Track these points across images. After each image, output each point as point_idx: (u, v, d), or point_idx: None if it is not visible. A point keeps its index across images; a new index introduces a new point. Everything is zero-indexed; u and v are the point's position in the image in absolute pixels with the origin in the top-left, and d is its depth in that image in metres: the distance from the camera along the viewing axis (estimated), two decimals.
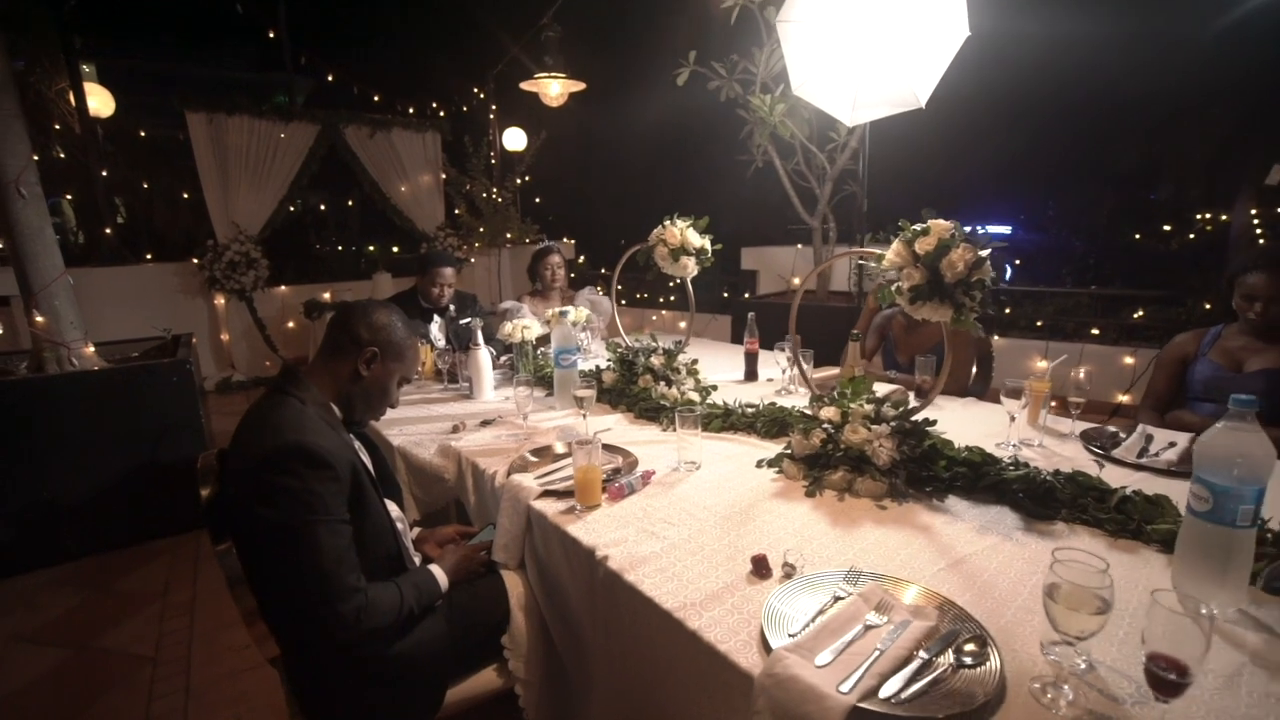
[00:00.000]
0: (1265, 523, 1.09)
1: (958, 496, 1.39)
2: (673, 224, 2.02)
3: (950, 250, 1.29)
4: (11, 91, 2.71)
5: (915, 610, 0.95)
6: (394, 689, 1.20)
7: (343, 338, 1.30)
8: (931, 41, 2.15)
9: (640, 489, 1.45)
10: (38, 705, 1.93)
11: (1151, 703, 0.75)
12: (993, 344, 2.72)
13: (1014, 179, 17.20)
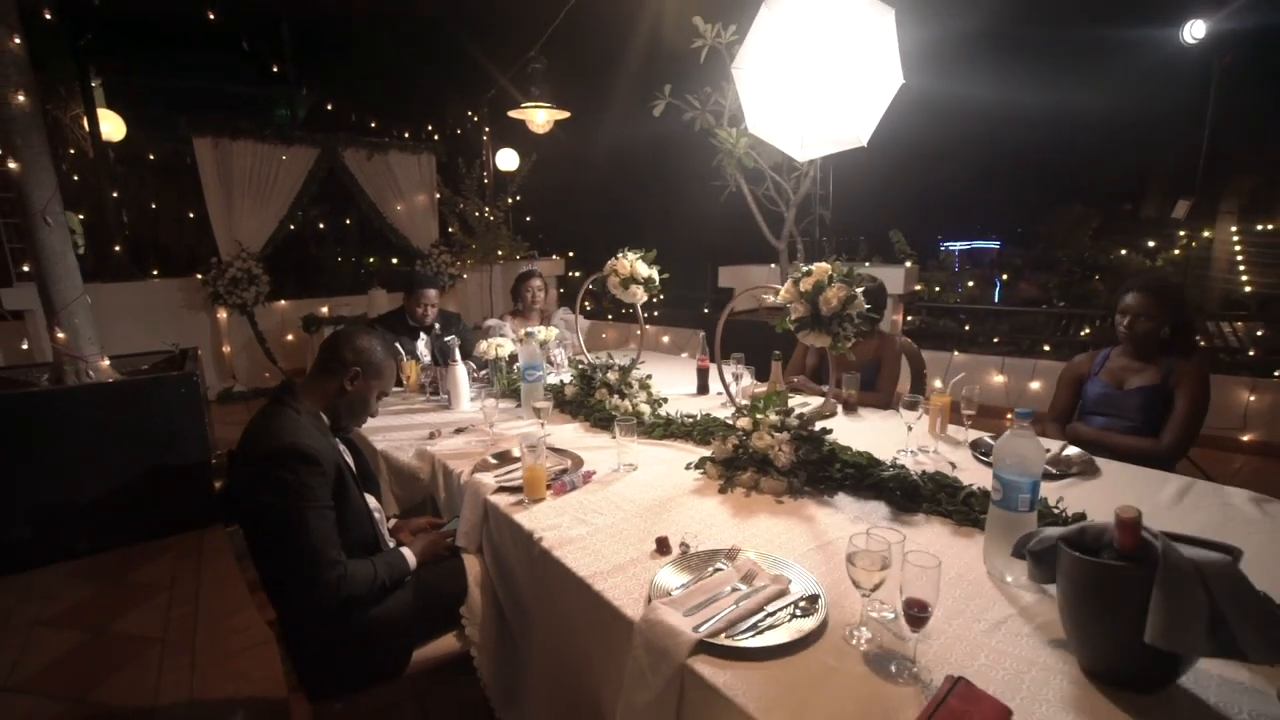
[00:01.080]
0: (1047, 507, 1.37)
1: (846, 494, 1.66)
2: (624, 256, 2.31)
3: (825, 289, 1.57)
4: (40, 130, 3.00)
5: (774, 578, 1.22)
6: (368, 648, 1.46)
7: (332, 359, 1.57)
8: (869, 89, 2.43)
9: (581, 486, 1.72)
10: (59, 680, 2.19)
11: (927, 640, 1.02)
12: (924, 359, 2.99)
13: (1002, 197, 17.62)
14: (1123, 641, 0.88)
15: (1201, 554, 0.85)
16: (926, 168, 8.27)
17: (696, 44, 4.13)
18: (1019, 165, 10.46)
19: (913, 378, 2.96)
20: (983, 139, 8.64)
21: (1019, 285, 11.73)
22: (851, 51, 2.40)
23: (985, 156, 9.19)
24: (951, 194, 13.03)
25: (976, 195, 14.81)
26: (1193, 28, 2.81)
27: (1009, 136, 8.74)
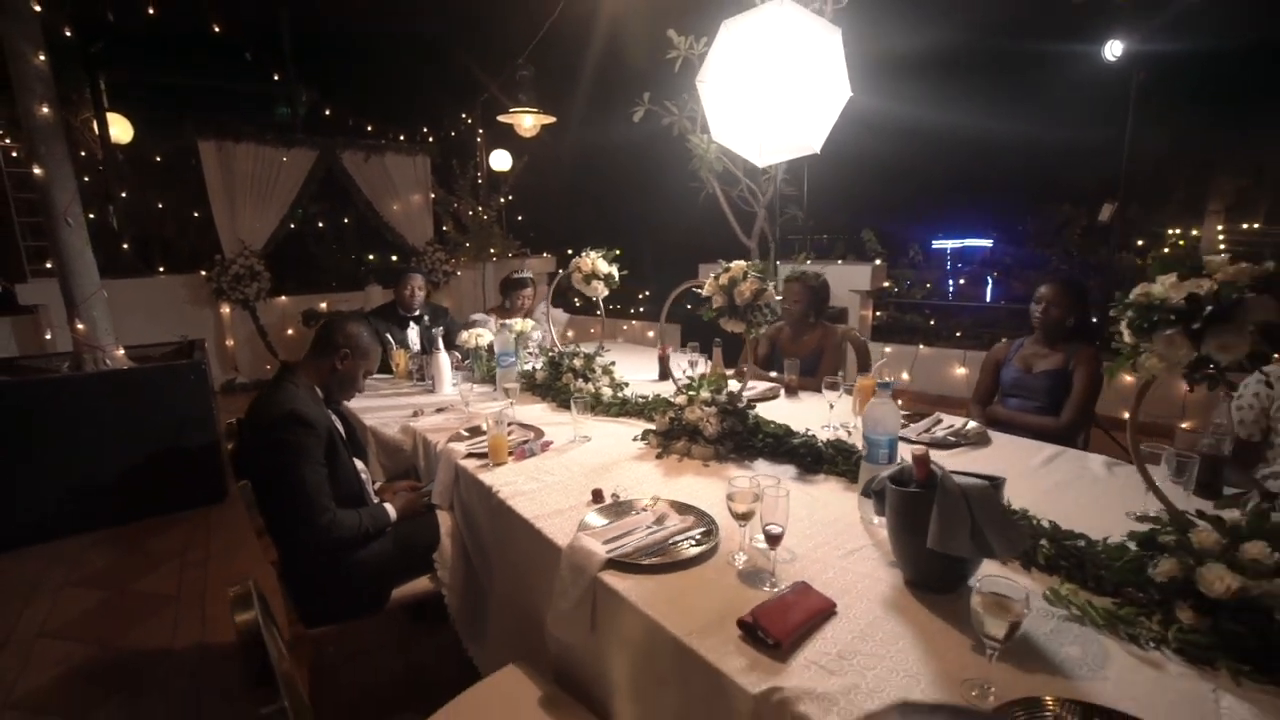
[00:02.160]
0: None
1: (765, 459, 1.94)
2: (586, 255, 2.58)
3: (740, 283, 1.85)
4: (61, 138, 3.28)
5: (682, 519, 1.51)
6: (355, 585, 1.75)
7: (325, 343, 1.86)
8: (820, 101, 2.69)
9: (539, 453, 2.01)
10: (88, 629, 2.47)
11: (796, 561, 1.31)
12: (884, 350, 3.26)
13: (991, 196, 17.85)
14: (922, 551, 1.16)
15: (969, 481, 1.13)
16: (906, 171, 8.61)
17: (671, 55, 4.40)
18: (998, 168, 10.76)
19: (858, 365, 3.24)
20: (960, 146, 9.00)
21: (1010, 283, 11.98)
22: (803, 67, 2.66)
23: (964, 162, 9.53)
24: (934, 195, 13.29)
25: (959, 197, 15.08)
26: (1112, 47, 3.08)
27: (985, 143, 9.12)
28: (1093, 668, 1.00)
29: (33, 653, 2.33)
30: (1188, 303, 1.01)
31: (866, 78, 2.76)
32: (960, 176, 12.51)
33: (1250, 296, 0.98)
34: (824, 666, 1.01)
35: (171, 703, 2.06)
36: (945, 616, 1.13)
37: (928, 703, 0.90)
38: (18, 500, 3.11)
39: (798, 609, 1.11)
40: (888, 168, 6.79)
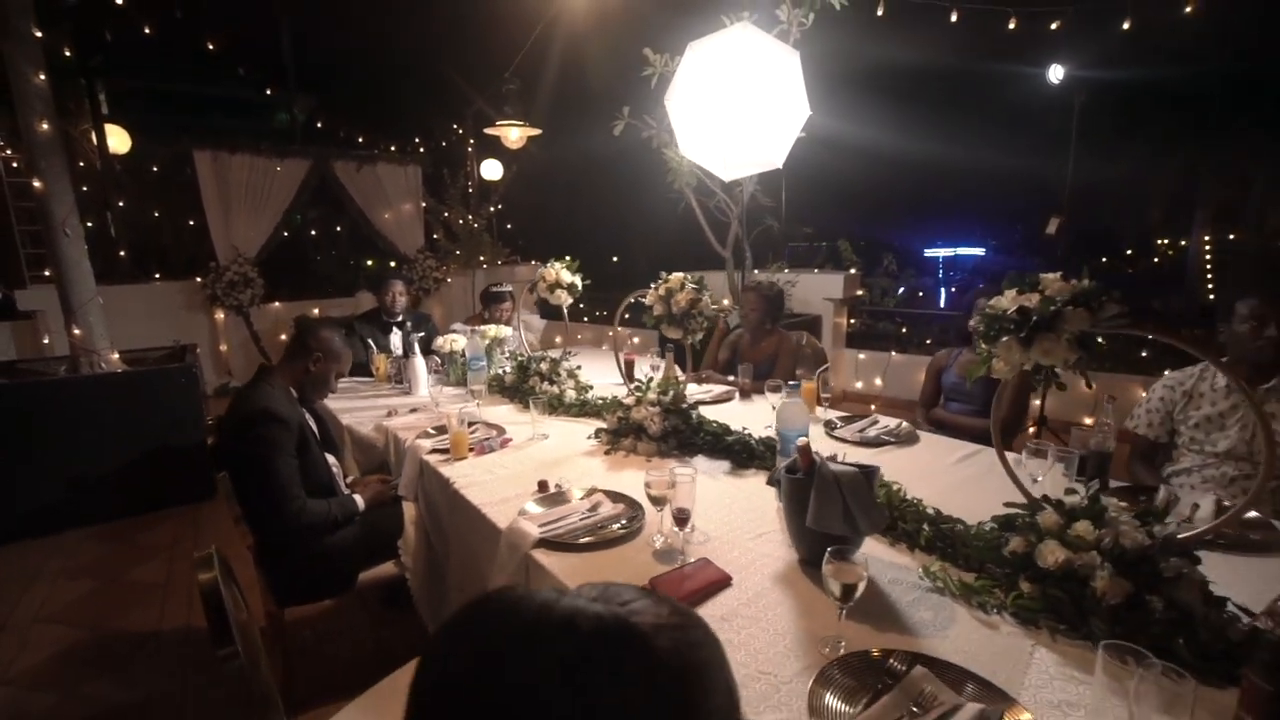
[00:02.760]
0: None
1: (704, 455, 2.11)
2: (550, 265, 2.76)
3: (676, 293, 2.03)
4: (61, 152, 3.46)
5: (614, 506, 1.67)
6: (324, 568, 1.91)
7: (299, 346, 2.03)
8: (781, 119, 2.85)
9: (499, 449, 2.17)
10: (82, 614, 2.63)
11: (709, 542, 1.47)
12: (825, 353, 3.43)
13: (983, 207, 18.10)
14: (806, 531, 1.33)
15: (843, 469, 1.30)
16: (890, 184, 8.93)
17: (646, 72, 4.59)
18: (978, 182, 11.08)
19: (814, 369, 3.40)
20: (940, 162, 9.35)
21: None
22: (764, 87, 2.84)
23: (947, 176, 9.87)
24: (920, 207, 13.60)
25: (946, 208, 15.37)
26: (1054, 71, 3.27)
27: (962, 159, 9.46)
28: (938, 628, 1.17)
29: (29, 636, 2.49)
30: (1019, 314, 1.18)
31: (856, 96, 2.93)
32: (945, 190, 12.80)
33: (1068, 309, 1.16)
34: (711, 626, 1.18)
35: (158, 679, 2.23)
36: (814, 580, 1.30)
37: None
38: (17, 496, 3.28)
39: (694, 580, 1.28)
40: (872, 181, 7.03)
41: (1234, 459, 2.03)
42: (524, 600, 0.44)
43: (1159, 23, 3.06)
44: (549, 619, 0.42)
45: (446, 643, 0.44)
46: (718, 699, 0.44)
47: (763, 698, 0.99)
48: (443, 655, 0.43)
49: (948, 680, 1.01)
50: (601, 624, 0.42)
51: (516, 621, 0.43)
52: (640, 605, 0.46)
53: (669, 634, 0.44)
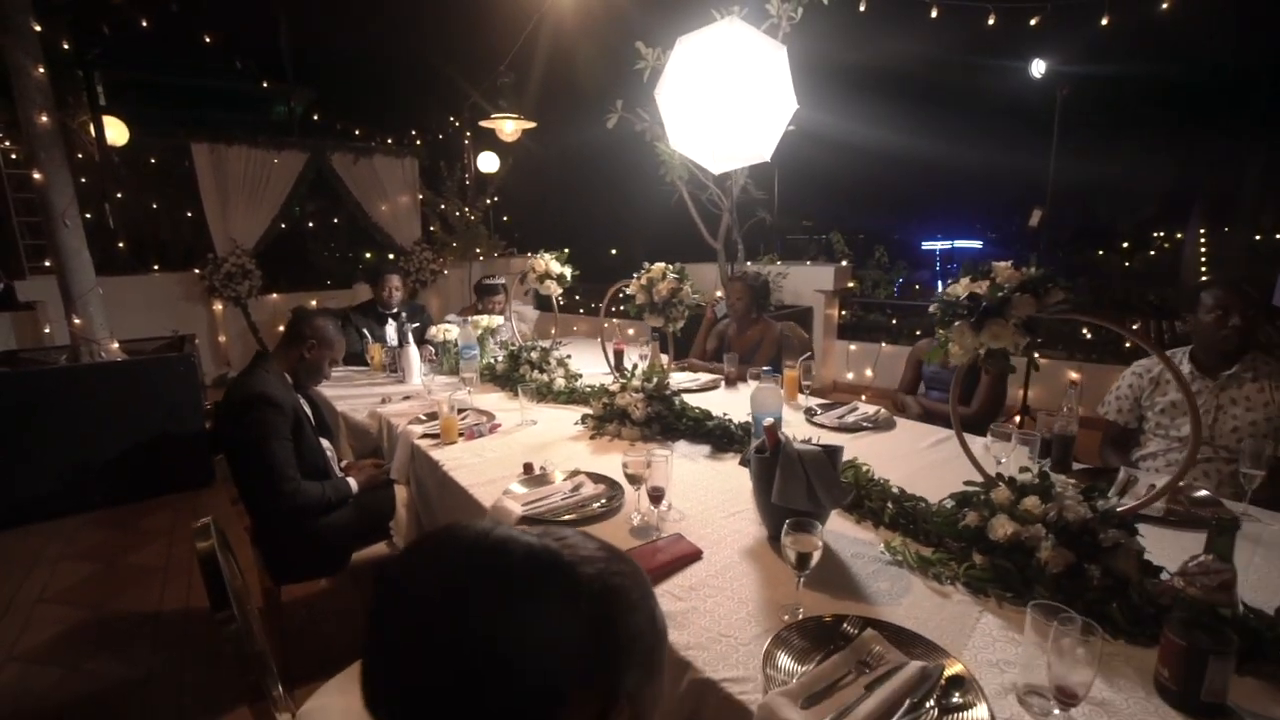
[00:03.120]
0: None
1: (686, 439, 2.18)
2: (540, 256, 2.82)
3: (658, 283, 2.09)
4: (60, 144, 3.51)
5: (596, 487, 1.75)
6: (319, 549, 1.99)
7: (294, 334, 2.10)
8: (768, 113, 2.90)
9: (488, 434, 2.25)
10: (83, 596, 2.71)
11: (686, 520, 1.55)
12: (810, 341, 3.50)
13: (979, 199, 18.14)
14: (773, 507, 1.40)
15: (807, 448, 1.37)
16: (891, 176, 9.03)
17: (639, 65, 4.64)
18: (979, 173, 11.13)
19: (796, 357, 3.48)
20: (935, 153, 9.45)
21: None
22: (752, 81, 2.89)
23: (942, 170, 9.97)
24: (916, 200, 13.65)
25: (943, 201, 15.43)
26: (1036, 65, 3.32)
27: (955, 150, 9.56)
28: (894, 597, 1.25)
29: (33, 616, 2.57)
30: (970, 300, 1.25)
31: (850, 90, 2.98)
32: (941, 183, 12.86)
33: (1016, 295, 1.22)
34: (675, 594, 1.25)
35: (157, 654, 2.30)
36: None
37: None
38: (18, 482, 3.35)
39: (665, 553, 1.35)
40: (870, 175, 7.10)
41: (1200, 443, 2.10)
42: (467, 529, 0.51)
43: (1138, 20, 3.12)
44: (484, 542, 0.49)
45: (401, 558, 0.52)
46: (637, 620, 0.51)
47: (722, 657, 1.07)
48: (396, 568, 0.50)
49: (897, 642, 1.08)
50: (531, 550, 0.49)
51: (456, 545, 0.50)
52: (572, 541, 0.53)
53: (592, 564, 0.51)
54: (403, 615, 0.47)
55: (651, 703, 0.53)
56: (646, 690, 0.52)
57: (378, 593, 0.49)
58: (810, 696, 0.95)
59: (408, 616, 0.46)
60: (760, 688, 0.99)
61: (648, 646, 0.53)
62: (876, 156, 8.92)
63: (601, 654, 0.48)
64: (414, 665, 0.44)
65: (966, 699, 0.95)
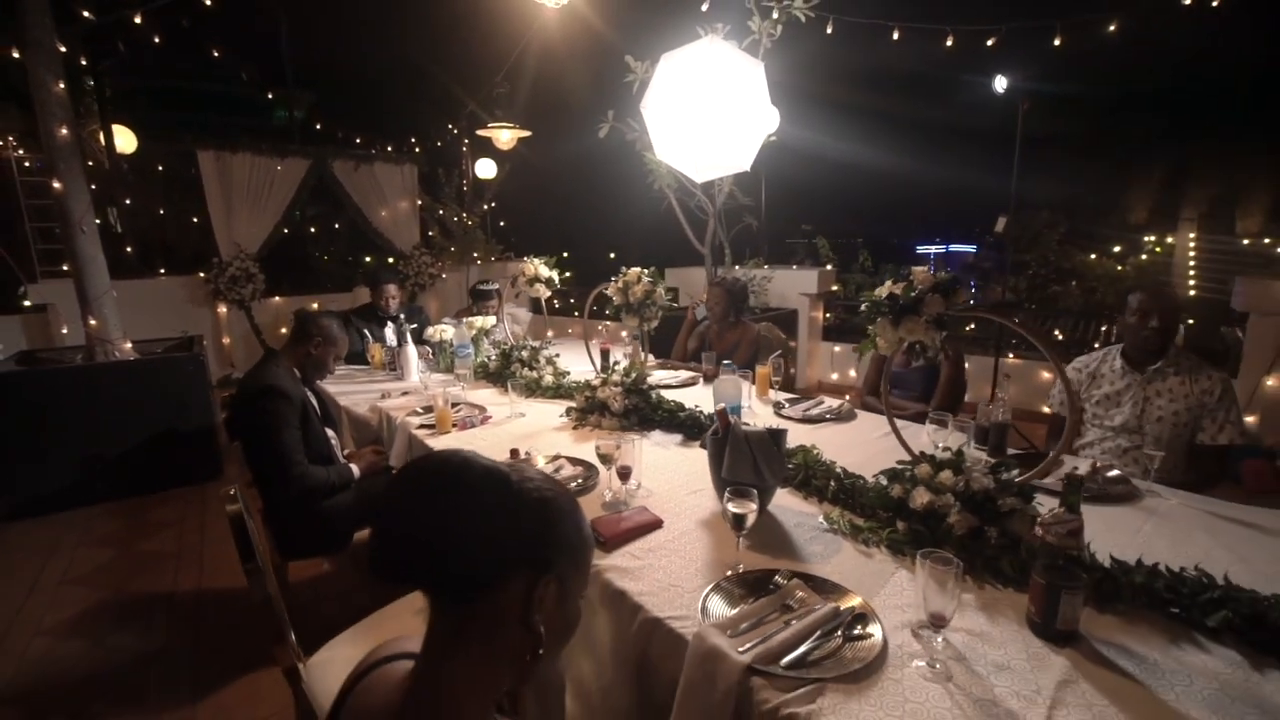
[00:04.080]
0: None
1: (660, 430, 2.38)
2: (529, 260, 3.02)
3: (633, 285, 2.29)
4: (78, 155, 3.71)
5: (574, 469, 1.94)
6: (323, 529, 2.18)
7: (301, 332, 2.29)
8: (747, 126, 3.09)
9: (479, 425, 2.44)
10: (101, 579, 2.90)
11: (654, 498, 1.74)
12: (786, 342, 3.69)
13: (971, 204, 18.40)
14: (724, 481, 1.59)
15: (752, 430, 1.57)
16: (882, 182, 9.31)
17: (628, 78, 4.84)
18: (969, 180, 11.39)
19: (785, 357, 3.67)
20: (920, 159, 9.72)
21: (993, 288, 12.53)
22: (731, 95, 3.08)
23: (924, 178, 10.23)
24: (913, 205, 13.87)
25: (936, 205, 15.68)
26: (998, 81, 3.53)
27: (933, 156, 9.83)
28: (824, 557, 1.44)
29: (57, 596, 2.76)
30: (890, 300, 1.45)
31: (839, 101, 3.19)
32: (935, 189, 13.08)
33: (928, 296, 1.42)
34: (635, 555, 1.45)
35: (172, 629, 2.50)
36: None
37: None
38: (38, 474, 3.54)
39: (628, 521, 1.55)
40: (865, 182, 7.34)
41: (1126, 432, 2.30)
42: (446, 454, 0.71)
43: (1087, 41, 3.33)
44: (455, 459, 0.69)
45: (402, 469, 0.72)
46: (564, 525, 0.71)
47: (668, 601, 1.26)
48: (397, 474, 0.71)
49: (819, 590, 1.28)
50: (486, 468, 0.69)
51: (436, 461, 0.70)
52: (521, 469, 0.72)
53: (531, 482, 0.71)
54: (392, 505, 0.67)
55: (574, 587, 0.73)
56: (570, 577, 0.72)
57: (383, 491, 0.69)
58: (738, 629, 1.15)
59: (396, 506, 0.66)
60: (697, 624, 1.18)
61: (572, 545, 0.72)
62: (872, 165, 9.22)
63: (534, 543, 0.68)
64: (399, 540, 0.65)
65: (867, 630, 1.14)
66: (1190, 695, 0.99)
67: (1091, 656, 1.09)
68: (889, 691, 1.01)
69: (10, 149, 5.77)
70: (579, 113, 6.30)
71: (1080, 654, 1.10)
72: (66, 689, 2.19)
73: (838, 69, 4.98)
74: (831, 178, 8.99)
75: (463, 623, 0.66)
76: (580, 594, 0.75)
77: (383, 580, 0.65)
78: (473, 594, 0.66)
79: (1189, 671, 1.05)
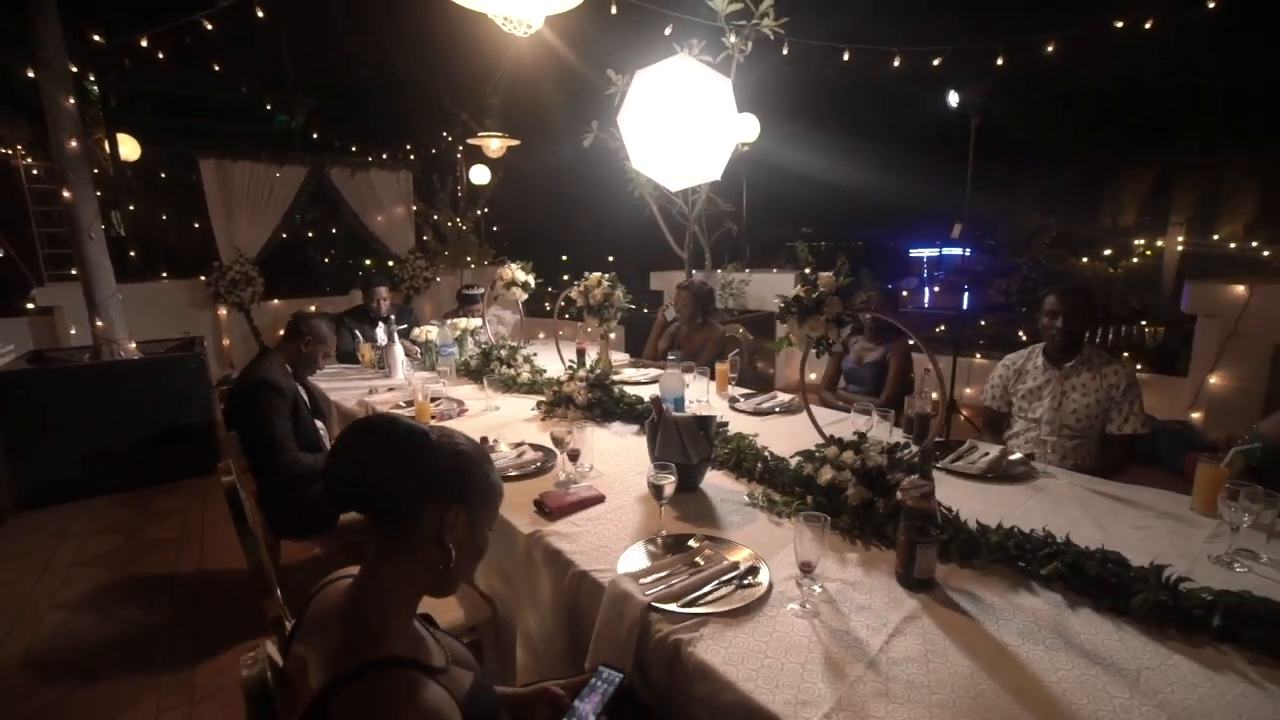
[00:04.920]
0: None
1: (620, 421, 2.60)
2: (507, 265, 3.25)
3: (593, 289, 2.51)
4: (87, 165, 3.94)
5: (536, 454, 2.16)
6: (311, 511, 2.40)
7: (293, 331, 2.52)
8: (715, 138, 3.30)
9: (456, 416, 2.67)
10: (109, 562, 3.12)
11: (602, 478, 1.96)
12: (750, 341, 3.92)
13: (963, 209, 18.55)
14: (658, 461, 1.81)
15: (681, 415, 1.79)
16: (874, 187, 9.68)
17: (610, 91, 5.08)
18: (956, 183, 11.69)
19: (741, 355, 3.90)
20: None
21: (987, 291, 12.78)
22: (700, 110, 3.30)
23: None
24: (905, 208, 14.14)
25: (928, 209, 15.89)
26: (951, 96, 3.76)
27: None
28: (739, 526, 1.66)
29: (69, 576, 2.98)
30: (796, 301, 1.67)
31: (825, 109, 3.42)
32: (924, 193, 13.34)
33: (828, 298, 1.65)
34: (575, 524, 1.67)
35: (175, 605, 2.72)
36: (673, 504, 1.79)
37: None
38: (48, 466, 3.77)
39: (573, 496, 1.77)
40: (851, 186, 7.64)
41: (1046, 424, 2.51)
42: (374, 415, 0.93)
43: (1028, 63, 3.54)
44: (384, 418, 0.91)
45: (347, 427, 0.94)
46: (475, 475, 0.93)
47: (596, 558, 1.48)
48: (337, 438, 0.93)
49: (726, 549, 1.50)
50: (408, 427, 0.91)
51: (372, 421, 0.92)
52: (450, 433, 0.95)
53: (449, 437, 0.93)
54: (338, 453, 0.89)
55: (480, 520, 0.95)
56: (477, 511, 0.94)
57: (334, 444, 0.91)
58: (649, 578, 1.37)
59: (340, 453, 0.89)
60: (614, 574, 1.40)
61: (479, 487, 0.95)
62: (867, 172, 9.55)
63: (446, 482, 0.90)
64: (342, 478, 0.87)
65: (757, 580, 1.37)
66: (1009, 626, 1.21)
67: (941, 600, 1.31)
68: (762, 624, 1.23)
69: (19, 158, 6.01)
70: (566, 122, 6.53)
71: (932, 598, 1.32)
72: (79, 655, 2.41)
73: (833, 79, 5.19)
74: (832, 185, 9.31)
75: (392, 541, 0.89)
76: (488, 527, 0.98)
77: (335, 508, 0.87)
78: (399, 518, 0.88)
79: (1017, 610, 1.27)
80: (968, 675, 1.08)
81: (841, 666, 1.10)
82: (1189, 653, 1.13)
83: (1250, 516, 1.39)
